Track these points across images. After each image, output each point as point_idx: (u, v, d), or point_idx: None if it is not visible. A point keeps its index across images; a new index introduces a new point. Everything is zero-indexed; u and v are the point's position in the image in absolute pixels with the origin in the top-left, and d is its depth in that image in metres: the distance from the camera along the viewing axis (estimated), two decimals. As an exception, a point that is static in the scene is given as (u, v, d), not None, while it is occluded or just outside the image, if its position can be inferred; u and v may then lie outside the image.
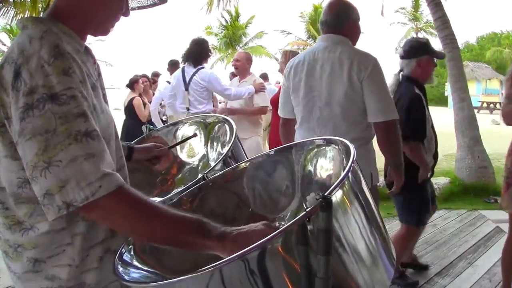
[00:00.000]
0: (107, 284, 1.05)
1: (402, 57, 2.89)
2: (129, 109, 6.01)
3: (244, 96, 4.15)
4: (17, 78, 0.87)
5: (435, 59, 2.94)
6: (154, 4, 1.26)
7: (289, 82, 2.24)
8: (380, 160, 2.42)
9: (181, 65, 4.37)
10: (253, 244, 0.76)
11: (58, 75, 0.87)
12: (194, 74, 4.05)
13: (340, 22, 2.20)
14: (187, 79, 4.06)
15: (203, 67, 4.14)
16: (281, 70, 3.73)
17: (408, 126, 2.57)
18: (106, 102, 1.10)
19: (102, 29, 1.08)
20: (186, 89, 4.05)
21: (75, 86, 0.89)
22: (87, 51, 1.07)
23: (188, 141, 1.78)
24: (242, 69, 4.37)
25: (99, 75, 1.12)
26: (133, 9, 1.22)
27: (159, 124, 5.25)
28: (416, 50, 2.83)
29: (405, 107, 2.63)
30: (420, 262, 3.33)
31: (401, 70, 2.90)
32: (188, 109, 4.08)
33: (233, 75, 6.11)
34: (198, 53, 4.12)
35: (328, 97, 2.13)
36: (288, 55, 3.73)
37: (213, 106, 4.44)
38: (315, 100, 2.17)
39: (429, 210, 2.98)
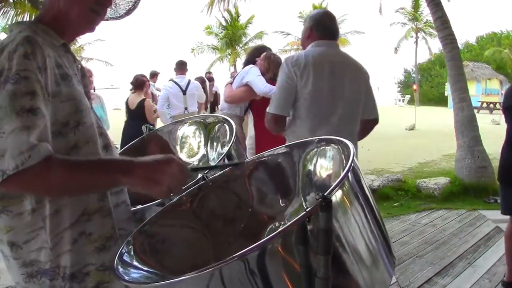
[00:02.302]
0: (82, 267, 1.08)
1: None
2: (139, 110, 5.82)
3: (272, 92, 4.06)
4: None
5: None
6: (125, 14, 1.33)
7: (300, 80, 2.28)
8: (380, 160, 2.42)
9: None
10: (157, 171, 0.97)
11: (19, 58, 0.95)
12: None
13: (338, 34, 2.56)
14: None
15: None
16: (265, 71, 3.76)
17: None
18: (89, 98, 1.18)
19: (84, 25, 1.15)
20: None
21: (31, 69, 0.96)
22: (67, 49, 1.15)
23: (188, 141, 1.78)
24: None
25: (83, 75, 1.21)
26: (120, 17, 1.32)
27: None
28: None
29: None
30: None
31: None
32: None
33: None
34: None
35: (351, 97, 2.37)
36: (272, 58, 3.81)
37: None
38: (337, 99, 2.33)
39: None
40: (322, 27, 2.41)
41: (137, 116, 5.84)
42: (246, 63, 4.10)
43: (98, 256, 1.09)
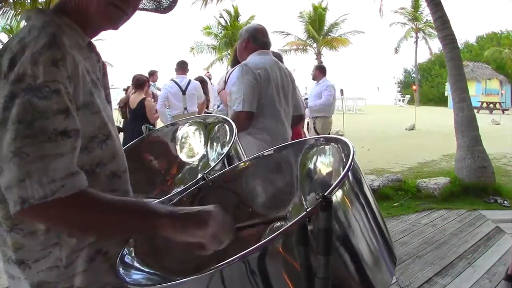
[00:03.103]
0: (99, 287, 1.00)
1: None
2: (139, 110, 5.80)
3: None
4: (10, 68, 0.84)
5: None
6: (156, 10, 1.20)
7: (263, 83, 2.73)
8: (380, 160, 2.42)
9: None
10: (201, 223, 0.85)
11: (46, 65, 0.83)
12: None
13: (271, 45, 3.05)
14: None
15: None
16: None
17: None
18: (109, 102, 1.07)
19: (104, 21, 1.01)
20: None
21: (61, 80, 0.84)
22: (91, 47, 1.04)
23: (188, 141, 1.78)
24: None
25: (104, 74, 1.09)
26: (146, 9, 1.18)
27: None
28: None
29: None
30: None
31: None
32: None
33: None
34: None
35: (291, 97, 2.95)
36: None
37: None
38: (282, 97, 2.87)
39: None
40: (257, 39, 2.90)
41: (135, 115, 5.84)
42: (234, 63, 4.36)
43: (113, 275, 0.99)
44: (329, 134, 6.36)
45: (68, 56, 0.87)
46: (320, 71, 6.71)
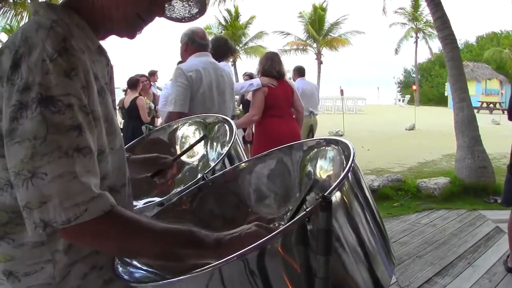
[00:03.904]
0: None
1: None
2: (132, 109, 5.84)
3: (244, 89, 4.50)
4: (14, 70, 0.79)
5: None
6: (192, 18, 1.16)
7: (194, 84, 2.97)
8: (380, 160, 2.42)
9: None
10: (247, 247, 0.75)
11: (58, 76, 0.78)
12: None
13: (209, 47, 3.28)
14: None
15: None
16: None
17: None
18: (114, 108, 1.03)
19: (125, 29, 0.97)
20: None
21: (74, 93, 0.79)
22: (101, 51, 0.98)
23: (188, 141, 1.77)
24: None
25: (111, 78, 1.04)
26: (172, 19, 1.14)
27: None
28: None
29: None
30: None
31: None
32: None
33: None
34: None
35: (225, 96, 3.15)
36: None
37: None
38: (217, 98, 3.09)
39: None
40: (195, 41, 3.12)
41: (129, 115, 5.87)
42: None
43: None
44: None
45: (80, 64, 0.82)
46: (296, 72, 6.77)
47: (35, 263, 0.88)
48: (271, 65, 4.00)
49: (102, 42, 1.00)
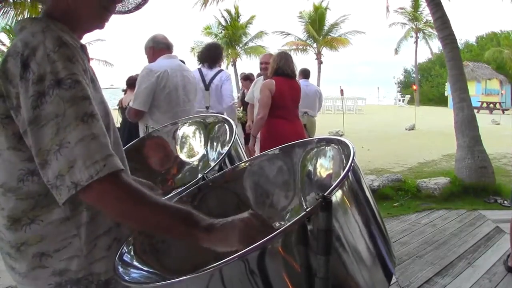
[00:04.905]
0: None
1: None
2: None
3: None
4: (25, 69, 0.89)
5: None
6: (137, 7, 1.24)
7: (159, 83, 3.17)
8: (380, 160, 2.42)
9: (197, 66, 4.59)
10: (239, 234, 0.85)
11: (64, 62, 0.89)
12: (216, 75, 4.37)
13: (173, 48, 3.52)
14: (207, 80, 4.37)
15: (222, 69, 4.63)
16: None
17: None
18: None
19: (94, 22, 1.08)
20: (207, 89, 4.36)
21: (78, 73, 0.91)
22: (83, 49, 1.08)
23: (188, 141, 1.78)
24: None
25: (94, 75, 1.13)
26: (130, 11, 1.23)
27: None
28: None
29: None
30: None
31: None
32: (207, 107, 4.40)
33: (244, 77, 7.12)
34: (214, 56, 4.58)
35: (190, 95, 3.40)
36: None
37: None
38: (181, 97, 3.31)
39: None
40: (159, 43, 3.42)
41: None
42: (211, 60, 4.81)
43: None
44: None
45: (76, 52, 0.94)
46: (301, 74, 6.79)
47: (63, 239, 0.99)
48: (285, 63, 3.99)
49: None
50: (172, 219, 0.92)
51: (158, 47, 3.42)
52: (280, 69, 3.96)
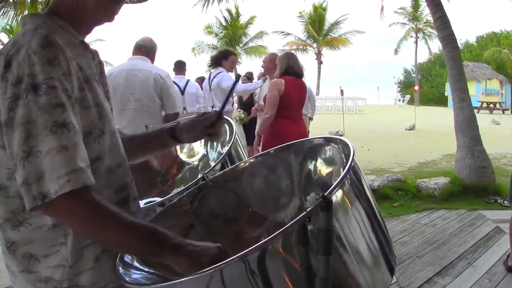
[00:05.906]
0: (104, 286, 1.01)
1: None
2: None
3: (250, 88, 5.46)
4: (7, 69, 0.88)
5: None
6: None
7: (110, 83, 3.19)
8: (380, 160, 2.42)
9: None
10: (201, 264, 0.82)
11: (43, 65, 0.87)
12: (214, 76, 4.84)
13: (152, 50, 3.74)
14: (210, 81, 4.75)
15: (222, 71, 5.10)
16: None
17: None
18: (108, 98, 1.11)
19: (104, 15, 1.06)
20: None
21: (56, 77, 0.88)
22: (85, 46, 1.07)
23: None
24: (266, 69, 5.00)
25: (102, 73, 1.12)
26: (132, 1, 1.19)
27: None
28: None
29: None
30: None
31: None
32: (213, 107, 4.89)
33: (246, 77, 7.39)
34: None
35: (142, 96, 3.49)
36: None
37: None
38: (130, 97, 3.47)
39: None
40: (135, 46, 3.65)
41: None
42: (212, 65, 5.33)
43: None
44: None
45: (61, 54, 0.91)
46: None
47: (51, 246, 0.96)
48: (295, 63, 3.99)
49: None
50: (139, 240, 0.91)
51: (134, 49, 3.67)
52: (291, 68, 3.94)
